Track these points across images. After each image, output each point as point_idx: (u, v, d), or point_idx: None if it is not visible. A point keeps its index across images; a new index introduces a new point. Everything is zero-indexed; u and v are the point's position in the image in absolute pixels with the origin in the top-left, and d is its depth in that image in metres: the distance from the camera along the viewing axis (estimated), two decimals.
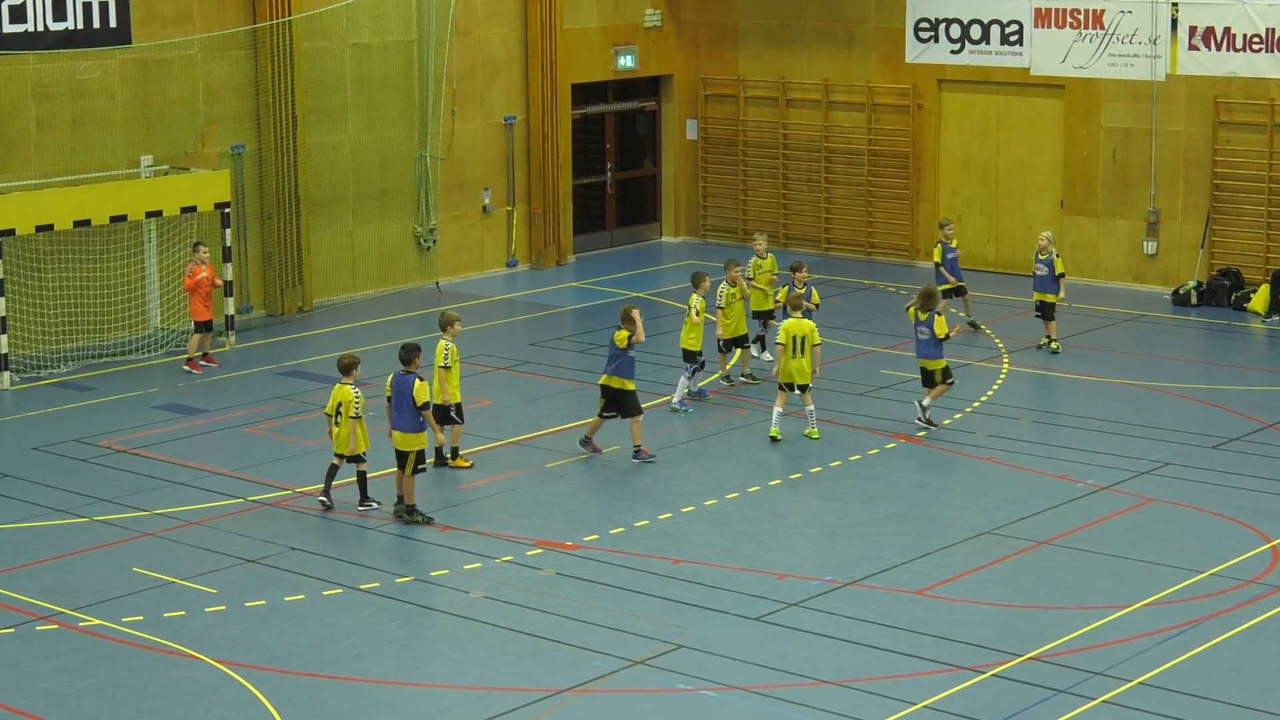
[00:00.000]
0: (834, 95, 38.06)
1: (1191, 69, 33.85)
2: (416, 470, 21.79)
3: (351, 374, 22.29)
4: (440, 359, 23.75)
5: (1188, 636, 18.19)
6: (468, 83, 36.18)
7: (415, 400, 21.57)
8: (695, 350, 26.50)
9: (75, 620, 18.92)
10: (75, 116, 30.50)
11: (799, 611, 19.00)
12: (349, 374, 22.27)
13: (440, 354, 23.77)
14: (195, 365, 29.26)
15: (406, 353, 21.81)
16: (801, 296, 26.04)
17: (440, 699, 17.09)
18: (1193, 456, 24.26)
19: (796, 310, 25.32)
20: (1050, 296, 29.74)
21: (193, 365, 29.24)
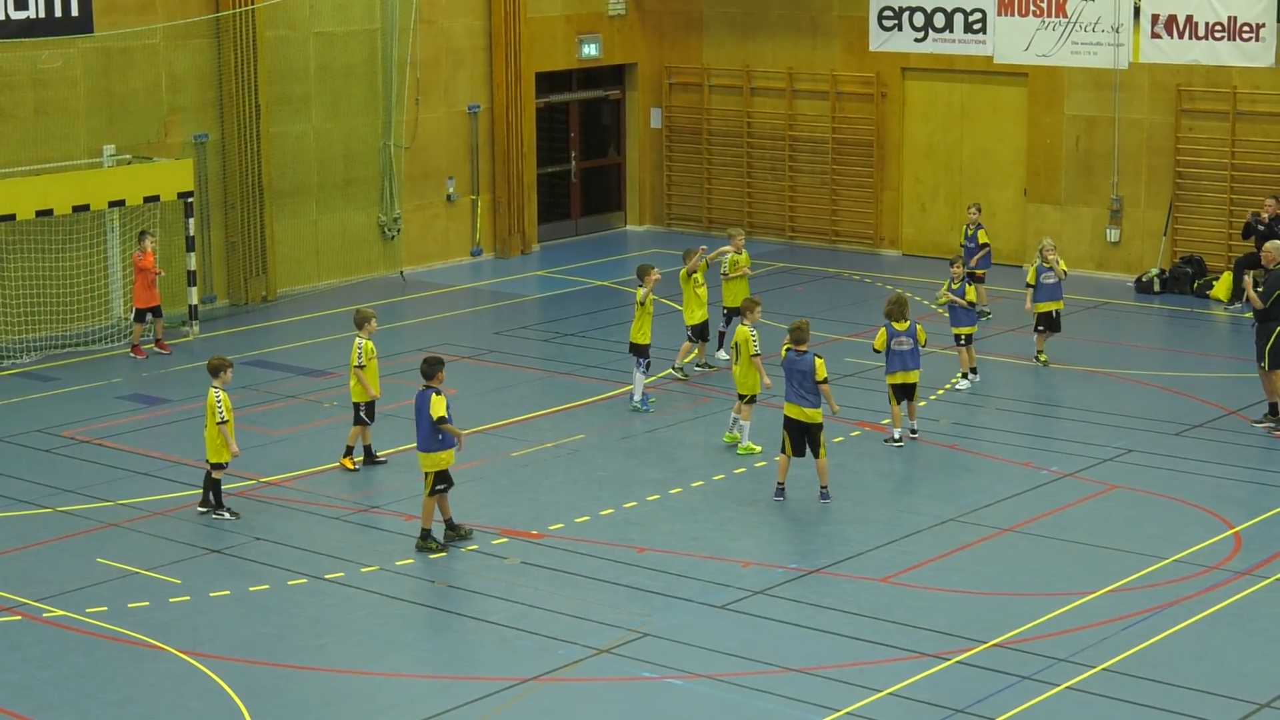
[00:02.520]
0: (798, 84, 38.08)
1: (1154, 57, 33.96)
2: (435, 491, 20.59)
3: (220, 376, 21.72)
4: (355, 358, 23.43)
5: (1151, 622, 18.26)
6: (432, 71, 36.13)
7: (431, 415, 20.35)
8: (645, 344, 26.14)
9: (39, 611, 18.85)
10: (37, 106, 30.37)
11: (764, 599, 19.03)
12: (217, 376, 21.71)
13: (355, 353, 23.42)
14: (140, 351, 29.07)
15: (429, 366, 20.62)
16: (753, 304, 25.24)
17: (406, 688, 17.08)
18: (1156, 443, 24.35)
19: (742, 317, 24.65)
20: (1059, 305, 28.19)
21: (138, 351, 29.05)
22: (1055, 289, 28.09)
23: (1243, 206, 32.83)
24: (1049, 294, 28.04)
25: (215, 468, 21.70)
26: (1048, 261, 27.90)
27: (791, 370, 22.12)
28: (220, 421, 21.49)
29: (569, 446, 24.50)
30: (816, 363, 21.97)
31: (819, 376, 21.91)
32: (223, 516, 21.71)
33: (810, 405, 21.99)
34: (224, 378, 21.78)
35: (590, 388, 27.19)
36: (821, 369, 21.94)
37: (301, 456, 24.07)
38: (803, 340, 22.20)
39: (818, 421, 22.07)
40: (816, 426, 22.05)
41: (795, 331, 22.27)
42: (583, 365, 28.56)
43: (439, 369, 20.62)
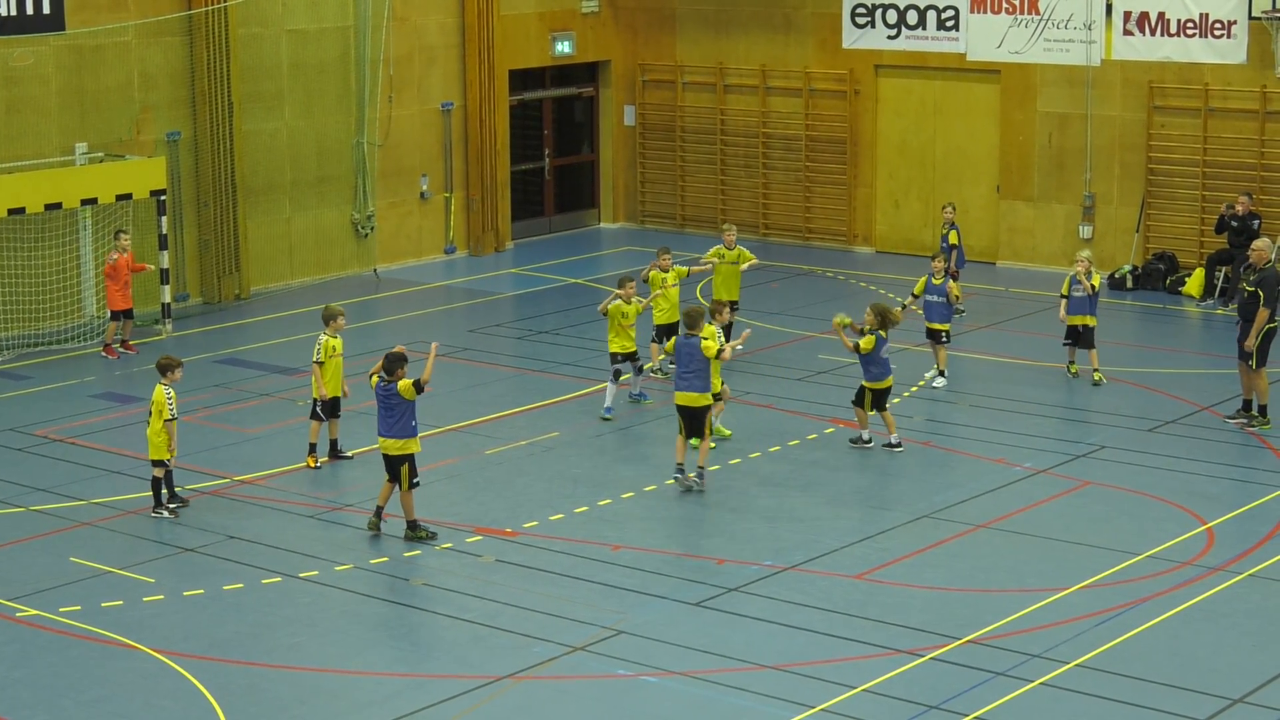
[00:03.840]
0: (771, 81, 38.11)
1: (1126, 54, 34.04)
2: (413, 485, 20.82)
3: (169, 375, 21.70)
4: (314, 354, 23.36)
5: (1125, 618, 18.31)
6: (405, 69, 36.09)
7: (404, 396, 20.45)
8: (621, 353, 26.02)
9: (12, 611, 18.80)
10: (9, 103, 30.29)
11: (738, 596, 19.05)
12: (166, 375, 21.70)
13: (315, 349, 23.36)
14: (112, 351, 29.00)
15: (390, 363, 20.66)
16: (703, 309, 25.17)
17: (380, 686, 17.07)
18: (1128, 440, 24.41)
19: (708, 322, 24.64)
20: (1091, 320, 27.17)
21: (109, 351, 28.98)
22: (1082, 303, 27.07)
23: (1215, 203, 32.91)
24: (1076, 307, 27.12)
25: (156, 465, 21.67)
26: (1079, 275, 27.09)
27: (681, 353, 22.43)
28: (169, 419, 21.47)
29: (543, 444, 24.50)
30: (704, 345, 22.27)
31: (709, 353, 22.24)
32: (161, 515, 21.67)
33: (699, 390, 22.29)
34: (173, 376, 21.79)
35: (564, 385, 27.19)
36: (711, 348, 22.25)
37: (275, 455, 24.03)
38: (695, 325, 22.49)
39: (706, 404, 22.38)
40: (704, 409, 22.35)
41: (687, 316, 22.63)
42: (556, 363, 28.55)
43: (399, 365, 20.68)
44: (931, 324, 27.41)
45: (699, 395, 22.33)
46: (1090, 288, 27.04)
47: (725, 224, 30.29)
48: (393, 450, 20.76)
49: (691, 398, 22.36)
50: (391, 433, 20.71)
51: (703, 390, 22.33)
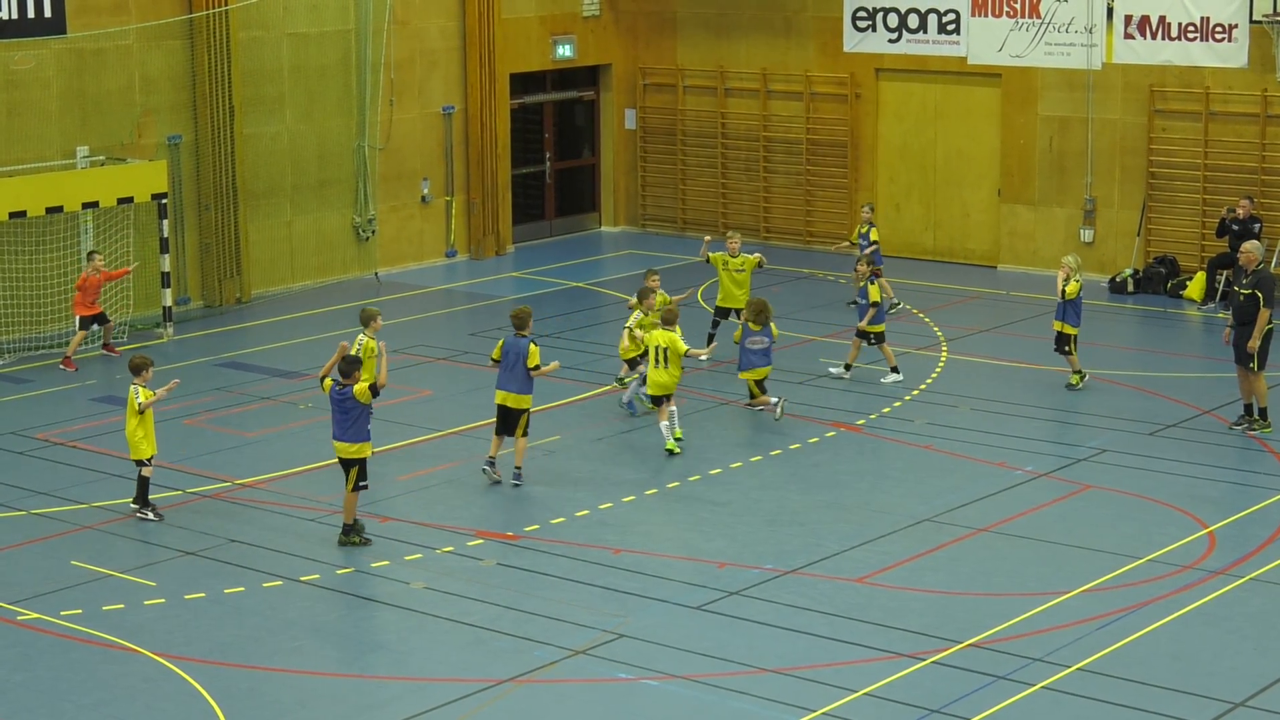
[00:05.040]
0: (772, 84, 38.12)
1: (1127, 58, 34.05)
2: (359, 486, 20.79)
3: (141, 375, 21.73)
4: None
5: (1126, 622, 18.31)
6: (406, 72, 36.10)
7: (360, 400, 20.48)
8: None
9: (13, 614, 18.80)
10: (10, 107, 30.30)
11: (740, 600, 19.05)
12: (139, 375, 21.74)
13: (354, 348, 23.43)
14: (70, 363, 28.68)
15: (346, 366, 20.65)
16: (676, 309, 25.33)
17: (382, 690, 17.07)
18: (1129, 443, 24.41)
19: (669, 325, 24.68)
20: (1067, 327, 26.84)
21: (67, 363, 28.69)
22: (1059, 308, 26.93)
23: (1215, 207, 32.91)
24: (1057, 311, 27.06)
25: (140, 463, 21.74)
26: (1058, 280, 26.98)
27: (509, 353, 22.86)
28: (140, 411, 21.52)
29: (544, 448, 24.48)
30: (531, 349, 22.67)
31: (531, 363, 22.64)
32: (146, 516, 21.68)
33: (520, 391, 22.78)
34: (145, 376, 21.85)
35: (565, 389, 27.17)
36: (535, 355, 22.67)
37: (276, 459, 24.03)
38: (524, 325, 22.95)
39: (525, 407, 22.86)
40: (521, 411, 22.83)
41: (516, 318, 23.07)
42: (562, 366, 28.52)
43: (355, 368, 20.72)
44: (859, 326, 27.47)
45: (521, 396, 22.84)
46: (1060, 292, 26.82)
47: (729, 231, 30.19)
48: (346, 454, 20.73)
49: (512, 398, 22.86)
50: (346, 436, 20.66)
51: (525, 392, 22.81)
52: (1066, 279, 26.78)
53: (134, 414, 21.66)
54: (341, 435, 20.73)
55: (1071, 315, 26.83)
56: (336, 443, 20.81)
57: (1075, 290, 26.74)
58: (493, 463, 23.08)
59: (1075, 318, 26.86)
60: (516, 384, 22.80)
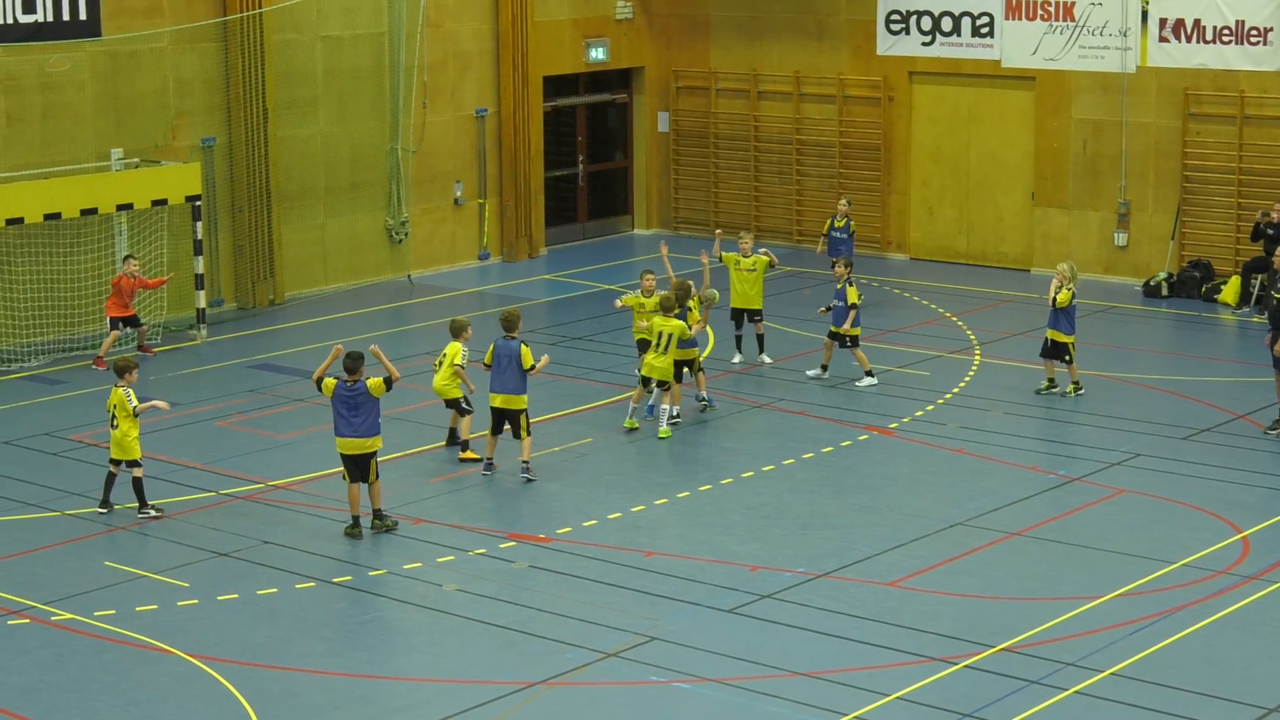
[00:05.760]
0: (805, 87, 38.08)
1: (1161, 61, 33.95)
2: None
3: (126, 377, 21.86)
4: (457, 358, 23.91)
5: (1159, 627, 18.25)
6: (439, 75, 36.14)
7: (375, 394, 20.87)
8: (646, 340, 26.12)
9: (47, 615, 18.86)
10: (45, 109, 30.41)
11: (771, 603, 19.03)
12: (124, 376, 21.87)
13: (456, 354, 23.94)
14: (101, 363, 28.80)
15: (352, 363, 20.96)
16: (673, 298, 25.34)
17: (413, 692, 17.09)
18: (1163, 447, 24.33)
19: (669, 312, 24.96)
20: (1060, 335, 26.63)
21: (99, 363, 28.82)
22: (1051, 316, 26.68)
23: (1250, 210, 32.80)
24: (1049, 319, 26.81)
25: (133, 465, 21.82)
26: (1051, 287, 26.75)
27: (500, 356, 23.11)
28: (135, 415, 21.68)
29: (576, 450, 24.50)
30: (523, 350, 22.99)
31: (526, 365, 22.95)
32: (147, 514, 21.78)
33: (515, 392, 23.06)
34: (130, 378, 21.99)
35: (597, 391, 27.18)
36: (528, 357, 23.00)
37: (308, 460, 24.07)
38: (512, 327, 23.33)
39: (522, 408, 23.12)
40: (518, 412, 23.10)
41: (505, 320, 23.47)
42: (590, 369, 28.54)
43: (361, 364, 21.05)
44: (835, 329, 27.44)
45: (517, 398, 23.10)
46: (1052, 301, 26.56)
47: (741, 232, 30.10)
48: (362, 449, 21.04)
49: (508, 400, 23.12)
50: (358, 432, 20.98)
51: (520, 392, 23.07)
52: (1059, 287, 26.55)
53: (126, 417, 21.73)
54: (352, 432, 21.02)
55: (1064, 323, 26.61)
56: (347, 440, 21.07)
57: (1067, 299, 26.52)
58: (490, 463, 23.38)
59: (1068, 325, 26.64)
60: (510, 386, 23.07)
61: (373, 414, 21.01)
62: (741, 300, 28.50)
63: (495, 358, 23.22)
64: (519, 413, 23.14)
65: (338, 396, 21.03)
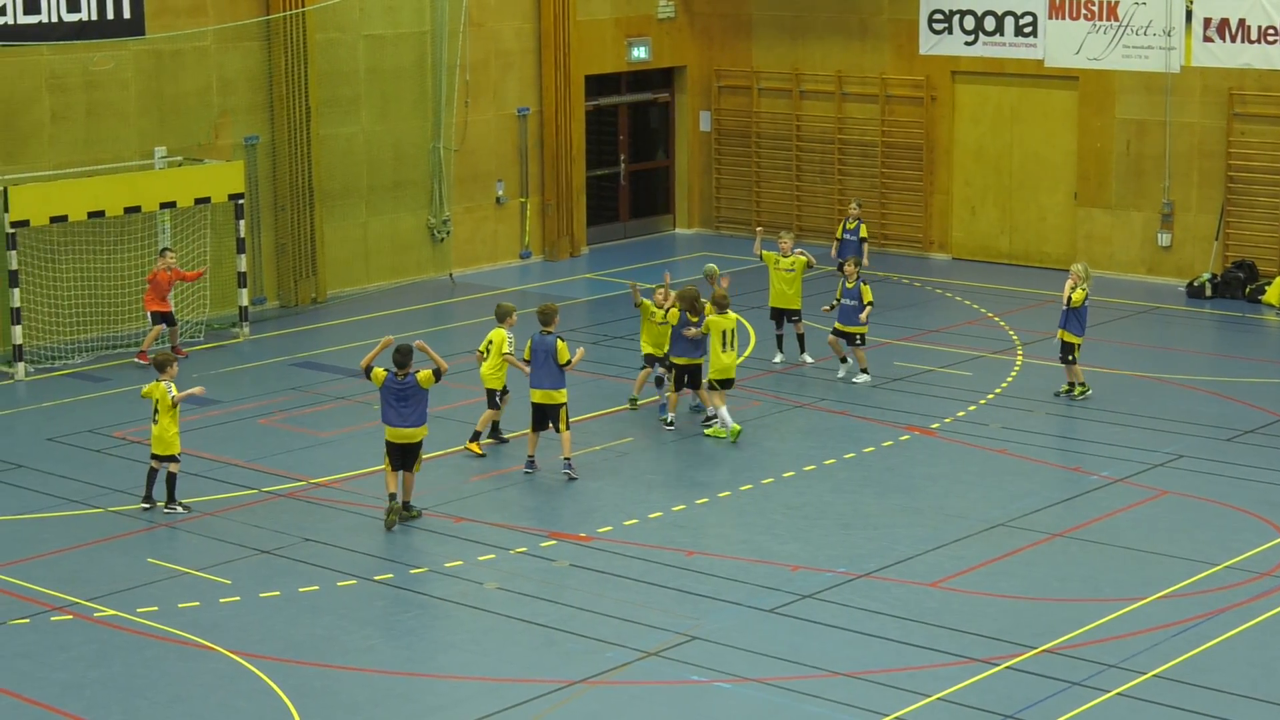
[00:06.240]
0: (847, 87, 38.02)
1: (1206, 61, 33.80)
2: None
3: (167, 371, 22.01)
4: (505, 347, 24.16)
5: (1202, 629, 18.17)
6: (481, 74, 36.18)
7: (425, 386, 21.31)
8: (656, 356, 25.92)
9: (90, 611, 18.94)
10: (89, 108, 30.54)
11: (812, 603, 19.00)
12: (164, 371, 22.02)
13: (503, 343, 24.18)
14: (145, 357, 28.89)
15: (402, 356, 21.31)
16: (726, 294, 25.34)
17: (454, 690, 17.11)
18: (1207, 449, 24.23)
19: (724, 310, 24.93)
20: (1069, 335, 26.42)
21: (143, 357, 28.93)
22: (1062, 316, 26.52)
23: None
24: (1060, 319, 26.63)
25: (170, 460, 21.92)
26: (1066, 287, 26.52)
27: (538, 351, 23.22)
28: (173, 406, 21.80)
29: (617, 449, 24.50)
30: (559, 345, 23.04)
31: (562, 359, 23.01)
32: (175, 511, 21.85)
33: (554, 386, 23.16)
34: (170, 372, 22.13)
35: None
36: (564, 351, 23.02)
37: (350, 458, 24.12)
38: (549, 322, 23.38)
39: (561, 402, 23.19)
40: (557, 406, 23.17)
41: (542, 314, 23.53)
42: (631, 368, 28.50)
43: (410, 357, 21.39)
44: (844, 327, 27.39)
45: (556, 392, 23.20)
46: (1065, 299, 26.38)
47: (782, 232, 30.06)
48: (411, 439, 21.42)
49: (547, 395, 23.23)
50: (408, 422, 21.39)
51: (559, 387, 23.17)
52: (1074, 286, 26.36)
53: (166, 411, 21.84)
54: (402, 422, 21.35)
55: (1074, 324, 26.41)
56: (397, 429, 21.37)
57: (1081, 299, 26.35)
58: (532, 461, 23.46)
59: (1078, 326, 26.45)
60: (549, 380, 23.19)
61: (421, 405, 21.40)
62: (780, 300, 28.50)
63: (533, 352, 23.32)
64: (559, 407, 23.21)
65: (387, 388, 21.38)
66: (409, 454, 21.52)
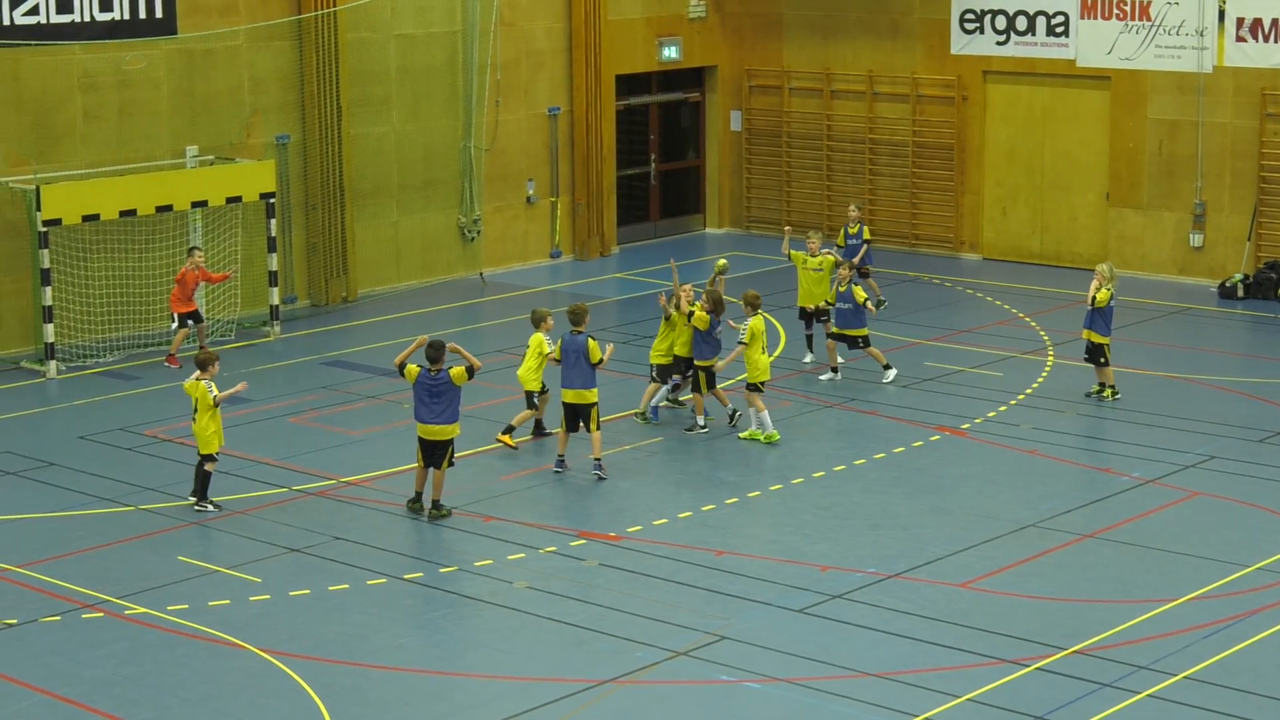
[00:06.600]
0: (878, 87, 37.97)
1: (1239, 61, 33.69)
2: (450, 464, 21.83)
3: (208, 370, 22.06)
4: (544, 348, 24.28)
5: (1233, 630, 18.11)
6: (512, 73, 36.21)
7: (458, 383, 21.44)
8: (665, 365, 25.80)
9: (121, 608, 18.99)
10: (121, 107, 30.63)
11: (842, 603, 18.98)
12: (205, 369, 22.06)
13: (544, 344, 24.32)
14: (174, 360, 28.97)
15: (435, 352, 21.48)
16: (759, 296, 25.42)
17: (483, 689, 17.12)
18: (1238, 450, 24.15)
19: (756, 310, 25.01)
20: (1095, 335, 26.40)
21: (172, 360, 28.96)
22: (1087, 316, 26.45)
23: None
24: (1085, 319, 26.59)
25: (207, 459, 21.97)
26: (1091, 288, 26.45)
27: (569, 351, 23.25)
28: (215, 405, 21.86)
29: (647, 449, 24.51)
30: (590, 345, 23.08)
31: (594, 358, 23.06)
32: (205, 509, 21.93)
33: (585, 386, 23.19)
34: (212, 371, 22.19)
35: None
36: (595, 351, 23.07)
37: (381, 457, 24.16)
38: (579, 322, 23.47)
39: (592, 402, 23.21)
40: (589, 406, 23.20)
41: (572, 314, 23.62)
42: None
43: (443, 353, 21.53)
44: (844, 330, 27.35)
45: (587, 392, 23.22)
46: (1090, 300, 26.30)
47: (810, 231, 30.01)
48: (442, 435, 21.53)
49: (579, 394, 23.24)
50: (441, 419, 21.55)
51: (590, 386, 23.21)
52: (1099, 286, 26.28)
53: (207, 409, 21.89)
54: (434, 418, 21.52)
55: (1100, 324, 26.34)
56: (428, 425, 21.53)
57: (1106, 298, 26.27)
58: (563, 461, 23.48)
59: (1104, 326, 26.37)
60: (580, 380, 23.24)
61: (454, 402, 21.53)
62: (809, 299, 28.52)
63: (564, 353, 23.34)
64: (590, 406, 23.24)
65: (420, 384, 21.54)
66: (439, 451, 21.61)
